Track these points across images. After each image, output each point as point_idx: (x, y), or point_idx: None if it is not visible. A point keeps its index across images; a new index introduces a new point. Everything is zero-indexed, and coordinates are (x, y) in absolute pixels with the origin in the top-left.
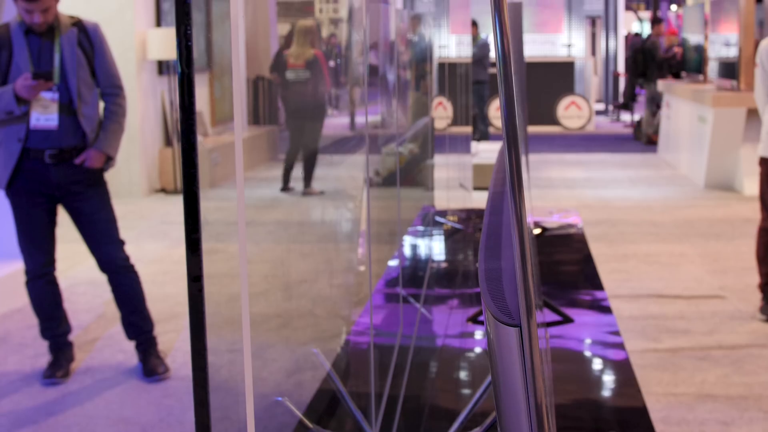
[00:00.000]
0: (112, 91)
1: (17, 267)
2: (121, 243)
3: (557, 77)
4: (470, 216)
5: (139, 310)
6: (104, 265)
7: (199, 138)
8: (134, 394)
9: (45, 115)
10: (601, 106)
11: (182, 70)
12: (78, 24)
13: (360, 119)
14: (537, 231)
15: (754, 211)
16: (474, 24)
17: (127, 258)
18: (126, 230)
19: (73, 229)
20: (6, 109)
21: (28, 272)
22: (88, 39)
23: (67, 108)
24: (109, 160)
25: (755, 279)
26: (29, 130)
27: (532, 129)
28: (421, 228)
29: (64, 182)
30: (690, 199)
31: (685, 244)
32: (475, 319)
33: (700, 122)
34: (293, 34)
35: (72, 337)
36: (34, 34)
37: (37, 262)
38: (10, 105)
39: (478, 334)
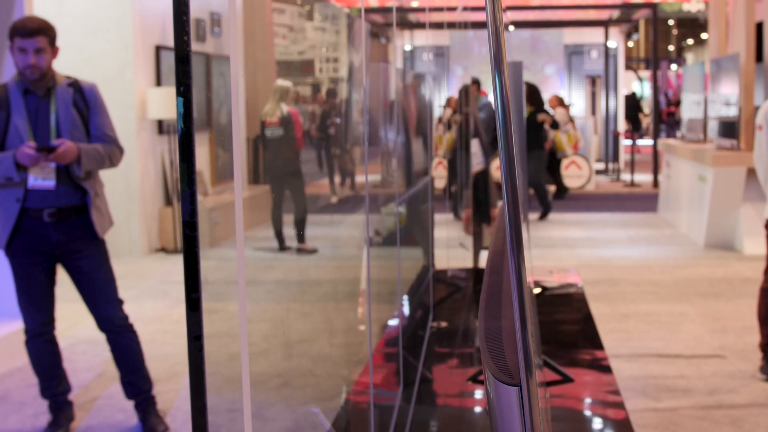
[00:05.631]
0: (104, 141)
1: (17, 326)
2: (120, 302)
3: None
4: (470, 275)
5: (138, 369)
6: (103, 324)
7: (199, 197)
8: None
9: (42, 176)
10: (601, 166)
11: (182, 129)
12: (74, 84)
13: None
14: (537, 290)
15: (754, 271)
16: (475, 83)
17: (125, 317)
18: (126, 289)
19: (72, 288)
20: (5, 174)
21: (27, 331)
22: (83, 99)
23: (65, 170)
24: (78, 163)
25: (755, 338)
26: (27, 190)
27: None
28: (420, 287)
29: (63, 240)
30: (690, 258)
31: (685, 303)
32: (475, 379)
33: (700, 181)
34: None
35: (72, 396)
36: (32, 94)
37: (37, 321)
38: (10, 171)
39: (479, 393)
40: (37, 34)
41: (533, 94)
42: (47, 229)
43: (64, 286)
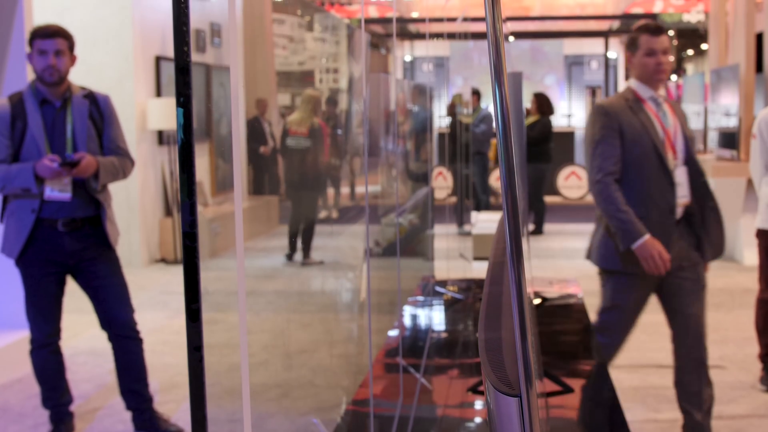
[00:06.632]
0: (117, 153)
1: (17, 337)
2: (133, 309)
3: (557, 147)
4: (470, 286)
5: (143, 378)
6: (117, 329)
7: (199, 208)
8: None
9: (59, 188)
10: None
11: (182, 139)
12: (89, 95)
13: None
14: (537, 301)
15: (755, 281)
16: (475, 93)
17: (137, 324)
18: None
19: (74, 299)
20: (23, 186)
21: (33, 341)
22: (98, 110)
23: (81, 183)
24: (96, 176)
25: (755, 349)
26: (43, 201)
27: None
28: (421, 298)
29: (77, 249)
30: None
31: None
32: (475, 389)
33: None
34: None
35: (72, 407)
36: (49, 105)
37: (44, 331)
38: (28, 183)
39: (479, 404)
40: (58, 35)
41: (544, 103)
42: (62, 239)
43: (65, 297)
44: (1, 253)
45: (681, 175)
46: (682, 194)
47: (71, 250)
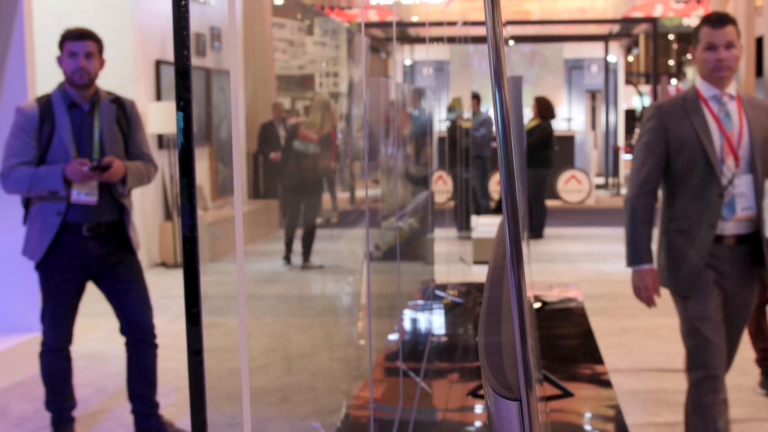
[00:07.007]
0: (142, 158)
1: (18, 341)
2: (153, 314)
3: (557, 151)
4: (470, 290)
5: (153, 385)
6: (138, 334)
7: (199, 212)
8: None
9: (86, 191)
10: (601, 180)
11: (182, 143)
12: (116, 100)
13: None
14: (537, 305)
15: None
16: (475, 97)
17: (155, 329)
18: None
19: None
20: (51, 188)
21: (45, 344)
22: (125, 115)
23: (106, 187)
24: (123, 181)
25: (753, 353)
26: (69, 204)
27: None
28: (421, 302)
29: (101, 254)
30: None
31: None
32: (475, 393)
33: None
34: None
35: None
36: (77, 108)
37: (57, 337)
38: (56, 185)
39: (479, 407)
40: (88, 38)
41: (544, 107)
42: (86, 244)
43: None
44: (22, 256)
45: (743, 185)
46: (745, 206)
47: (95, 255)
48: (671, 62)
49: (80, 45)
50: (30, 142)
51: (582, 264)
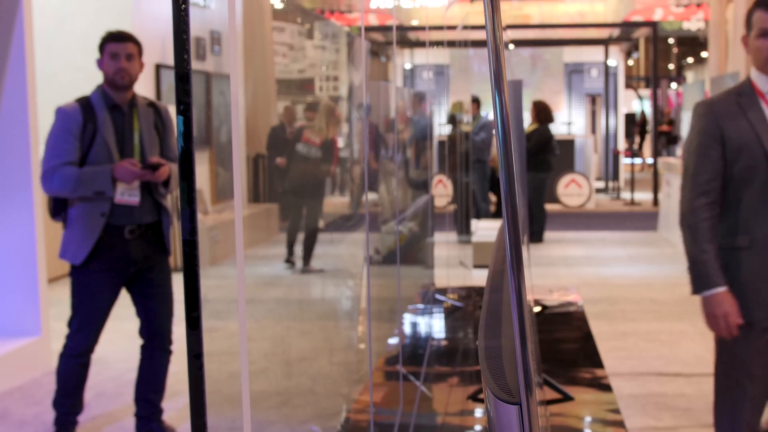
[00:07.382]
0: (175, 162)
1: (18, 345)
2: (173, 321)
3: (558, 155)
4: (470, 294)
5: (161, 390)
6: (158, 340)
7: (199, 216)
8: None
9: (129, 192)
10: (601, 184)
11: (182, 147)
12: (152, 105)
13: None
14: (537, 309)
15: None
16: (475, 101)
17: (172, 335)
18: (126, 308)
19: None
20: (99, 189)
21: (66, 348)
22: (161, 120)
23: (147, 188)
24: (165, 185)
25: None
26: (113, 205)
27: None
28: (421, 306)
29: (140, 257)
30: None
31: (685, 322)
32: (475, 397)
33: None
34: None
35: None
36: (118, 110)
37: (81, 344)
38: (104, 186)
39: (479, 411)
40: (129, 40)
41: (542, 111)
42: (127, 246)
43: (64, 306)
44: (61, 258)
45: None
46: None
47: (135, 258)
48: (671, 66)
49: (121, 47)
50: (74, 143)
51: (582, 268)
